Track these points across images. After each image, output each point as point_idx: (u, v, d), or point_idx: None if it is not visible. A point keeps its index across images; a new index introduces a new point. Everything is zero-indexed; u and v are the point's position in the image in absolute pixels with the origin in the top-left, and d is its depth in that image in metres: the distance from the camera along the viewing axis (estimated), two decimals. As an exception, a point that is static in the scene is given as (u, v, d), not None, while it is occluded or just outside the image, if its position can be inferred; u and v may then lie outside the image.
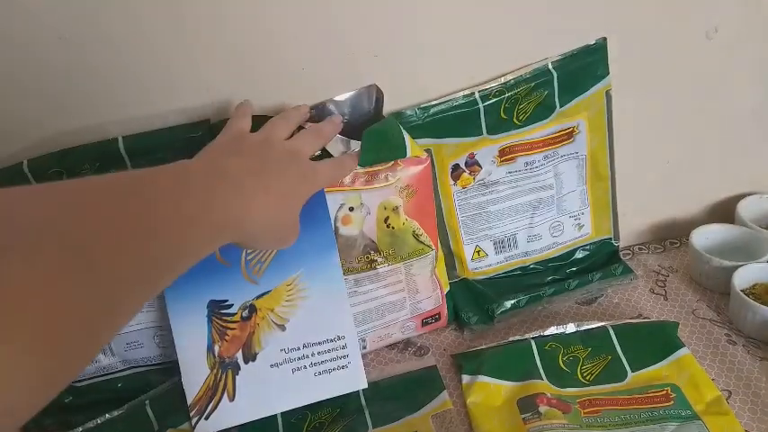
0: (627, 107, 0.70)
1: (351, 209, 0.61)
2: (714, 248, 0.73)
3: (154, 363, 0.65)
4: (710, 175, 0.79)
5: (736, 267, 0.68)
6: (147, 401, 0.60)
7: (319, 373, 0.61)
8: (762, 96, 0.75)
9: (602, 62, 0.67)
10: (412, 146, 0.61)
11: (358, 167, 0.58)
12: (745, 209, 0.77)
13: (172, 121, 0.60)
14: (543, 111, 0.67)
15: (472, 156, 0.68)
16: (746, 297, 0.65)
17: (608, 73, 0.67)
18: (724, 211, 0.80)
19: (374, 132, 0.58)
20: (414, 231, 0.64)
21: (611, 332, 0.64)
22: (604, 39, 0.66)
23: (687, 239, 0.74)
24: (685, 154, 0.77)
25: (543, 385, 0.60)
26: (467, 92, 0.64)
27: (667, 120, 0.74)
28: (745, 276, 0.68)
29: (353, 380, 0.61)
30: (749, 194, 0.78)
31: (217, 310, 0.59)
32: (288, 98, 0.60)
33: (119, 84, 0.57)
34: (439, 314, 0.70)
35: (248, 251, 0.59)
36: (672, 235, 0.81)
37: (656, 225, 0.82)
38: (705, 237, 0.75)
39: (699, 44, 0.69)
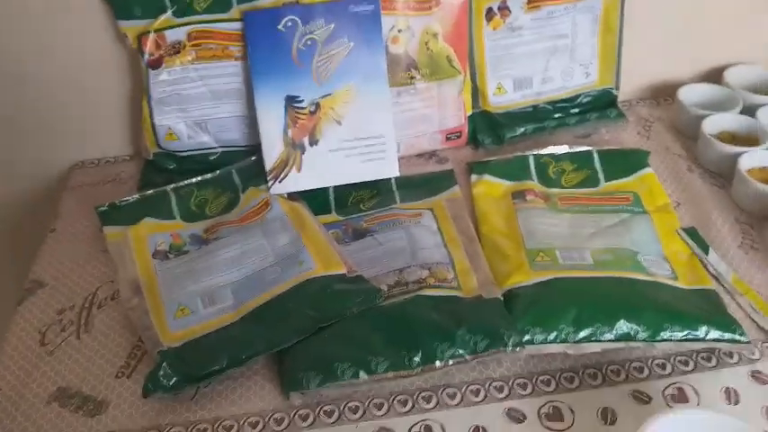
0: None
1: (399, 30, 0.78)
2: (698, 103, 0.87)
3: (239, 144, 0.84)
4: (707, 41, 0.92)
5: (708, 115, 0.83)
6: (233, 169, 0.81)
7: (364, 161, 0.79)
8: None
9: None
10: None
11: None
12: (731, 74, 0.90)
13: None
14: (569, -37, 0.80)
15: (504, 1, 0.82)
16: (710, 137, 0.80)
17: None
18: (714, 75, 0.93)
19: None
20: (448, 56, 0.80)
21: (595, 154, 0.81)
22: None
23: (678, 97, 0.88)
24: (687, 20, 0.89)
25: (533, 184, 0.78)
26: (505, -59, 0.78)
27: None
28: (714, 123, 0.82)
29: (389, 168, 0.80)
30: (738, 63, 0.91)
31: (291, 103, 0.77)
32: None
33: None
34: (461, 132, 0.87)
35: (319, 57, 0.76)
36: (666, 93, 0.95)
37: (655, 84, 0.96)
38: (691, 93, 0.88)
39: None
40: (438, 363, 0.57)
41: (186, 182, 0.79)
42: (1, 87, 0.83)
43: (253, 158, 0.81)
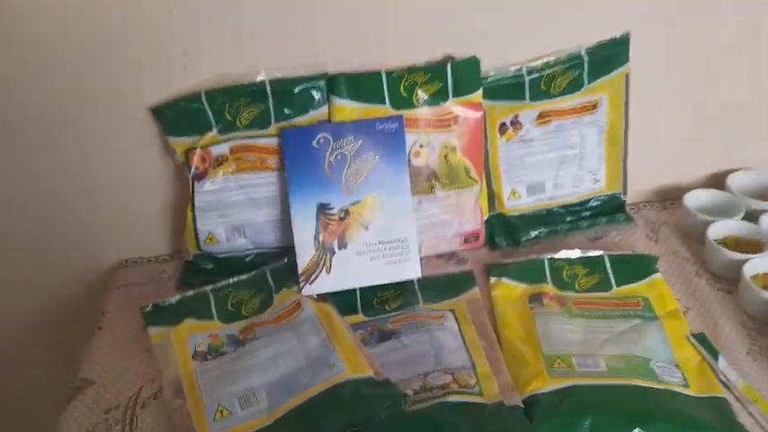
0: (645, 87, 0.90)
1: (421, 146, 0.85)
2: (702, 208, 0.92)
3: (273, 246, 0.91)
4: (709, 150, 0.98)
5: (713, 221, 0.88)
6: (267, 270, 0.87)
7: (389, 263, 0.85)
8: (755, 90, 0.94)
9: (625, 51, 0.87)
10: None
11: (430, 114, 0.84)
12: (733, 180, 0.96)
13: (299, 73, 0.84)
14: (574, 86, 0.88)
15: (516, 117, 0.89)
16: (716, 244, 0.85)
17: (628, 60, 0.88)
18: (718, 181, 0.99)
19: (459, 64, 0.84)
20: (465, 167, 0.88)
21: (606, 259, 0.86)
22: (628, 33, 0.87)
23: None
24: (689, 130, 0.96)
25: (549, 288, 0.83)
26: (517, 67, 0.86)
27: (677, 100, 0.93)
28: (719, 229, 0.88)
29: (412, 269, 0.85)
30: (739, 169, 0.98)
31: (323, 210, 0.84)
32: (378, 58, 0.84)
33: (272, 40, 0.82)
34: (478, 235, 0.93)
35: (348, 170, 0.83)
36: (672, 197, 1.01)
37: (661, 188, 1.02)
38: (696, 198, 0.94)
39: (710, 33, 0.89)
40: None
41: (223, 282, 0.85)
42: (59, 195, 0.91)
43: (285, 260, 0.87)
